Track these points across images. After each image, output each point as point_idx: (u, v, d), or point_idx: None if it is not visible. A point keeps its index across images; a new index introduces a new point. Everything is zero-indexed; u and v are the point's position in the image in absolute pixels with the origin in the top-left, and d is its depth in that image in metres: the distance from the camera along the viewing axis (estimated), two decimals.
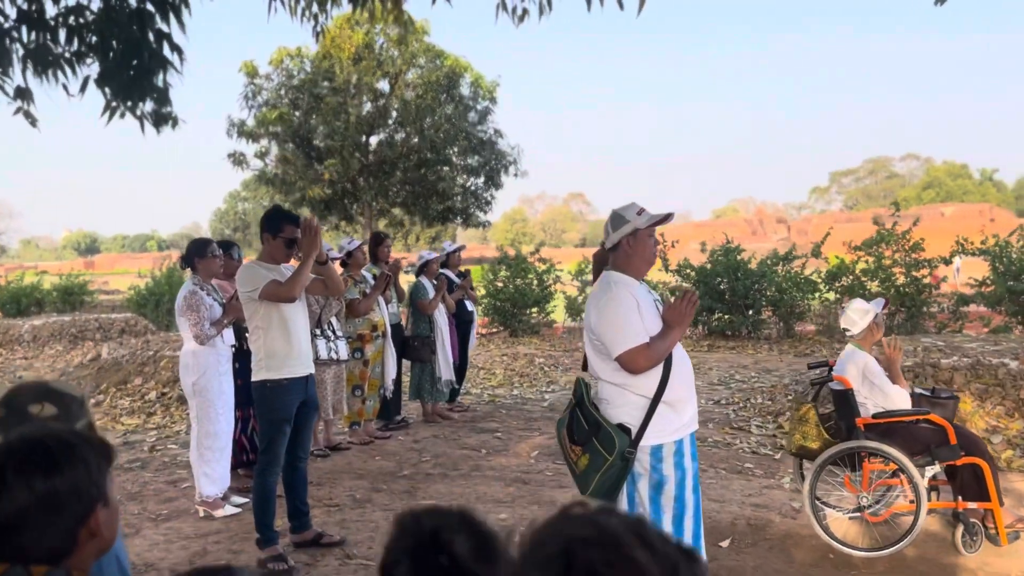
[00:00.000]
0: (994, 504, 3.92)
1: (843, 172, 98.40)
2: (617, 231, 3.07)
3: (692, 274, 12.84)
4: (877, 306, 4.35)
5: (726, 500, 4.89)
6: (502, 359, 11.28)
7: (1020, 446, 5.55)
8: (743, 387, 8.58)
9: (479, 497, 5.01)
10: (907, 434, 4.08)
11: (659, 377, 2.96)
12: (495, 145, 20.33)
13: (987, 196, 77.45)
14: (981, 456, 3.98)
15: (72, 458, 1.20)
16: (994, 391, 6.10)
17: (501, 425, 7.08)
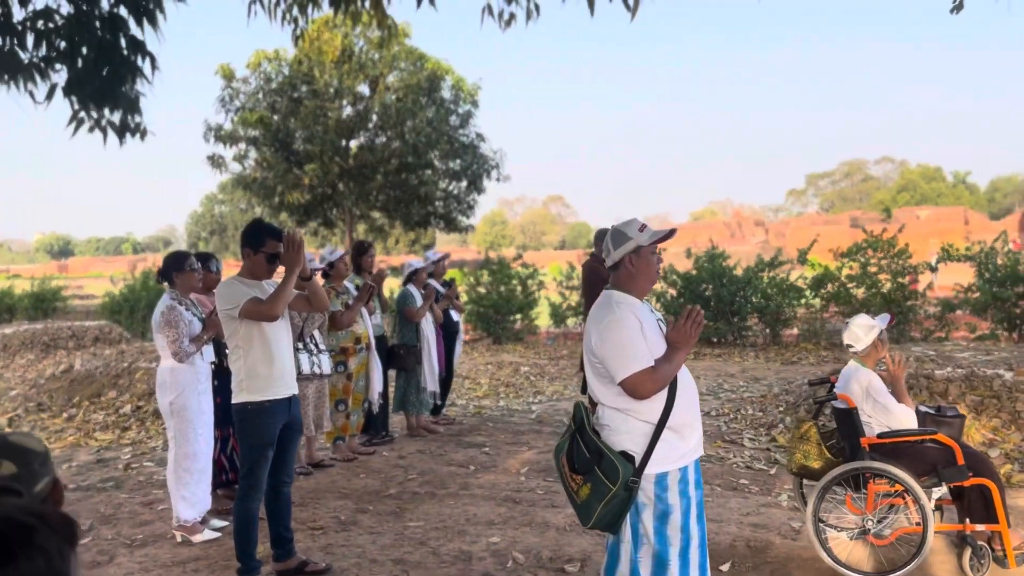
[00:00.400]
0: (1002, 526, 3.81)
1: (819, 175, 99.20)
2: (619, 248, 2.92)
3: (678, 281, 12.73)
4: (882, 322, 4.23)
5: (724, 520, 4.75)
6: (487, 368, 11.12)
7: (1019, 460, 5.46)
8: (732, 397, 8.46)
9: (469, 519, 4.83)
10: (913, 454, 3.96)
11: (664, 402, 2.81)
12: (477, 149, 20.17)
13: (961, 199, 78.34)
14: (989, 477, 3.87)
15: (29, 547, 1.02)
16: (989, 403, 6.02)
17: (488, 439, 6.91)
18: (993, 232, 11.84)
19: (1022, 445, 5.60)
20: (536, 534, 4.55)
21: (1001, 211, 73.35)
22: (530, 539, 4.47)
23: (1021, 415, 5.87)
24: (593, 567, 4.03)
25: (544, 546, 4.36)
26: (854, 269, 11.54)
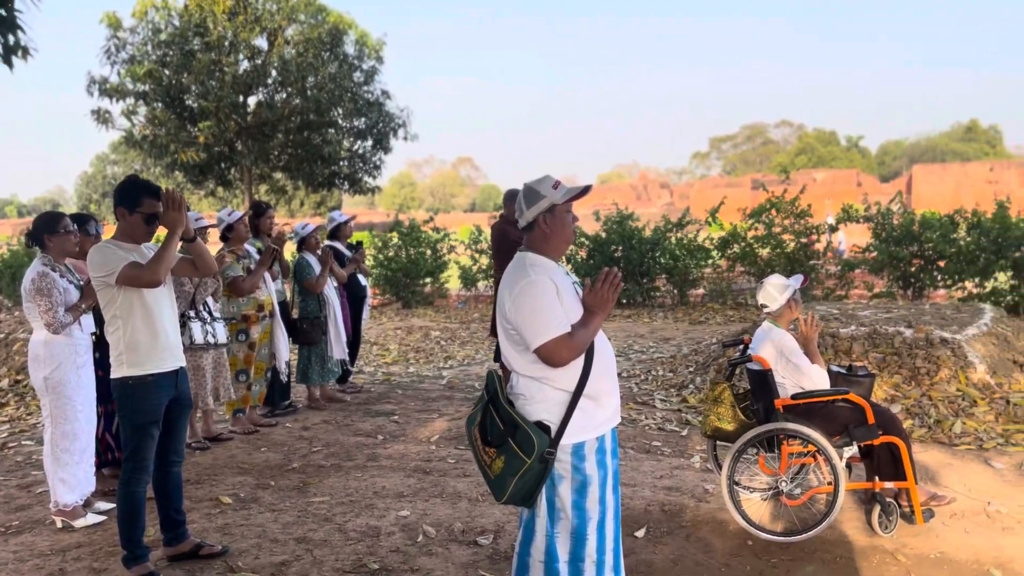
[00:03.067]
0: (910, 482, 3.85)
1: (722, 138, 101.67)
2: (532, 207, 2.72)
3: (587, 243, 12.69)
4: (796, 282, 4.19)
5: (638, 484, 4.69)
6: (396, 333, 10.85)
7: (919, 415, 5.59)
8: (643, 358, 8.47)
9: (377, 492, 4.62)
10: (826, 414, 3.96)
11: (580, 369, 2.65)
12: (383, 107, 19.57)
13: (854, 162, 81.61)
14: (898, 435, 3.89)
15: None
16: (891, 360, 6.15)
17: (398, 407, 6.68)
18: (884, 193, 12.27)
19: (921, 400, 5.74)
20: (448, 506, 4.39)
21: (890, 173, 76.86)
22: (441, 511, 4.30)
23: (920, 371, 6.02)
24: (507, 539, 3.90)
25: (456, 518, 4.20)
26: (759, 230, 11.72)
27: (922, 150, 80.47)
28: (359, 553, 3.80)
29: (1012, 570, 3.52)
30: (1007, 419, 5.48)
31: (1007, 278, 10.11)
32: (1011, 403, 5.65)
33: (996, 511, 4.15)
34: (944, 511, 4.13)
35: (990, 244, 9.93)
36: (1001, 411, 5.58)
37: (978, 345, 6.23)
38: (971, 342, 6.22)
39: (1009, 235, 9.86)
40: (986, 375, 5.97)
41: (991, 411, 5.58)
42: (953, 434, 5.33)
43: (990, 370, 6.02)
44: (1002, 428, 5.36)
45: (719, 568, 3.62)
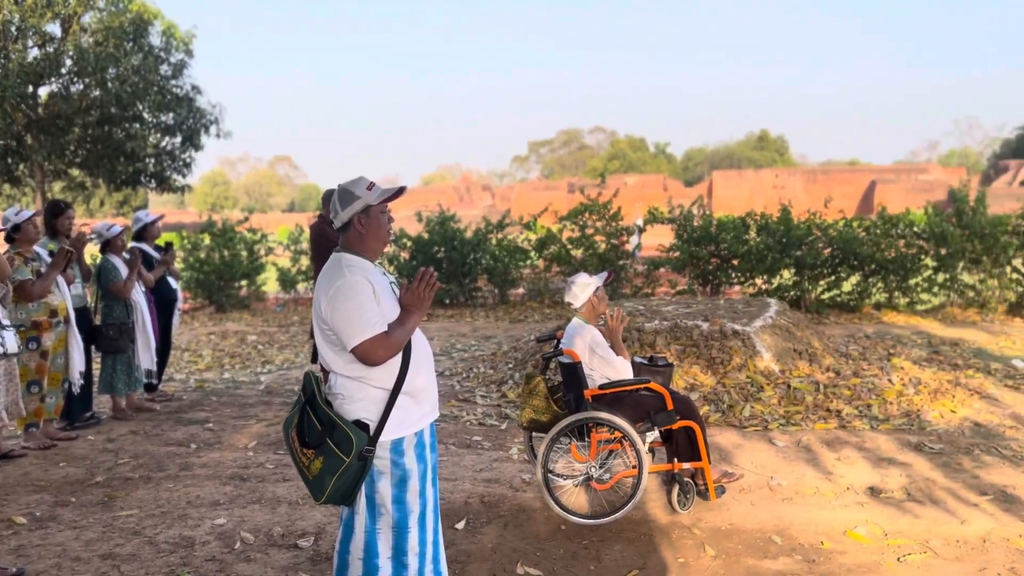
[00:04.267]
0: (704, 463, 4.21)
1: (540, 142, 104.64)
2: (347, 208, 2.76)
3: (409, 244, 12.74)
4: (599, 279, 4.46)
5: (458, 478, 4.81)
6: (209, 338, 10.41)
7: (714, 401, 6.09)
8: (465, 356, 8.64)
9: (191, 502, 4.46)
10: (631, 402, 4.25)
11: (398, 367, 2.72)
12: (193, 102, 18.59)
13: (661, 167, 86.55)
14: (694, 419, 4.25)
15: None
16: (690, 351, 6.66)
17: (212, 414, 6.44)
18: (688, 197, 13.19)
19: (717, 388, 6.26)
20: (267, 511, 4.31)
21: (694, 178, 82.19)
22: (260, 517, 4.22)
23: (715, 361, 6.55)
24: (328, 540, 3.89)
25: (275, 523, 4.13)
26: (574, 232, 12.25)
27: (721, 157, 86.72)
28: (172, 565, 3.66)
29: (789, 535, 3.94)
30: (788, 402, 6.09)
31: (791, 275, 11.17)
32: (792, 387, 6.28)
33: (777, 484, 4.61)
34: (734, 487, 4.54)
35: (776, 244, 10.94)
36: (784, 395, 6.19)
37: (765, 336, 6.86)
38: (759, 333, 6.85)
39: (792, 236, 10.90)
40: (771, 363, 6.60)
41: (775, 395, 6.17)
42: (743, 417, 5.85)
43: (775, 358, 6.66)
44: (784, 410, 5.95)
45: (534, 553, 3.80)
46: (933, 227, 10.78)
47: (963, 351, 8.13)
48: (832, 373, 6.68)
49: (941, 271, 10.95)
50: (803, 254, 10.80)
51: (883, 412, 5.92)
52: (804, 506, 4.30)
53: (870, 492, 4.46)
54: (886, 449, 5.15)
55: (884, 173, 53.09)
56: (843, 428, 5.64)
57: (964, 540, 3.83)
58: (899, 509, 4.20)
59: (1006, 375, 7.03)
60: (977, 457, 4.96)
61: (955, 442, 5.25)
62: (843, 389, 6.33)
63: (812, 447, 5.25)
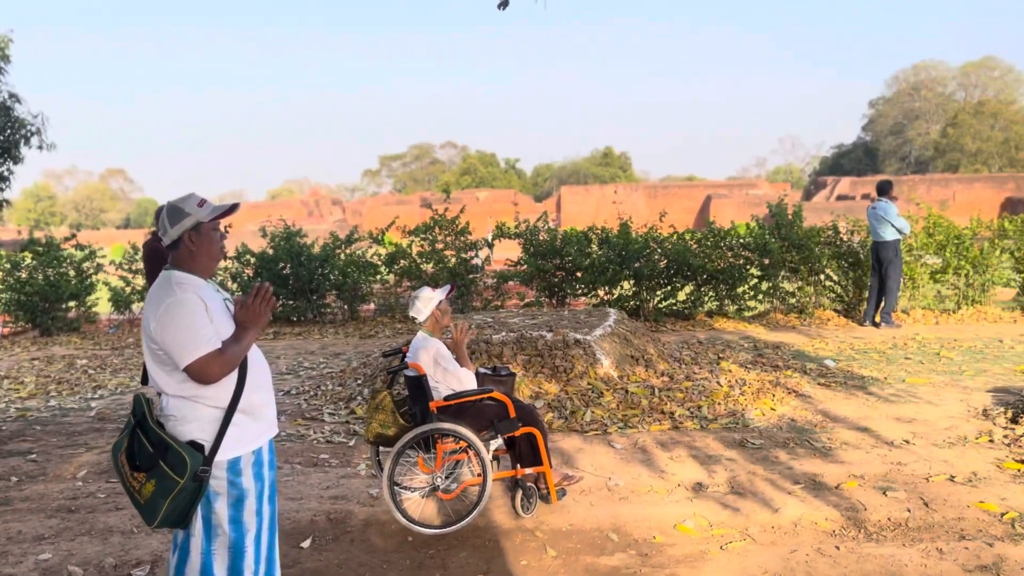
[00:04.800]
0: (546, 467, 4.38)
1: (391, 156, 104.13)
2: (176, 226, 2.72)
3: (252, 260, 12.39)
4: (442, 293, 4.56)
5: (304, 496, 4.76)
6: (33, 364, 9.71)
7: (558, 408, 6.32)
8: (313, 374, 8.51)
9: (12, 538, 4.18)
10: (475, 412, 4.36)
11: (234, 384, 2.70)
12: (11, 111, 17.29)
13: (511, 183, 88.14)
14: (536, 425, 4.41)
15: None
16: (535, 361, 6.87)
17: (36, 445, 6.04)
18: (538, 212, 13.53)
19: (560, 395, 6.49)
20: (98, 542, 4.11)
21: (543, 193, 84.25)
22: (90, 548, 4.02)
23: (559, 369, 6.79)
24: (164, 567, 3.76)
25: (108, 553, 3.95)
26: (424, 246, 12.31)
27: (569, 173, 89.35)
28: None
29: (625, 532, 4.16)
30: (626, 406, 6.40)
31: (631, 286, 11.71)
32: (629, 392, 6.60)
33: (615, 484, 4.85)
34: (575, 489, 4.74)
35: (616, 257, 11.45)
36: (622, 399, 6.51)
37: (604, 344, 7.18)
38: (599, 342, 7.16)
39: (630, 249, 11.44)
40: (611, 369, 6.91)
41: (614, 400, 6.47)
42: (585, 422, 6.10)
43: (614, 365, 6.98)
44: (622, 414, 6.26)
45: (380, 566, 3.83)
46: (756, 239, 11.61)
47: (783, 353, 8.81)
48: (666, 377, 7.07)
49: (765, 280, 11.80)
50: (641, 266, 11.36)
51: (712, 412, 6.33)
52: (639, 504, 4.55)
53: (698, 487, 4.77)
54: (713, 447, 5.52)
55: (718, 188, 56.31)
56: (676, 429, 5.99)
57: (778, 526, 4.18)
58: (723, 502, 4.52)
59: (819, 374, 7.68)
60: (792, 450, 5.41)
61: (773, 437, 5.70)
62: (676, 392, 6.72)
63: (647, 448, 5.54)
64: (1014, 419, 5.89)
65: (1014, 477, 4.77)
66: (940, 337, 9.80)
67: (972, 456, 5.18)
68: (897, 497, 4.50)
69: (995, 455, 5.19)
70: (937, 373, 7.72)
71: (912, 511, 4.30)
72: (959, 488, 4.62)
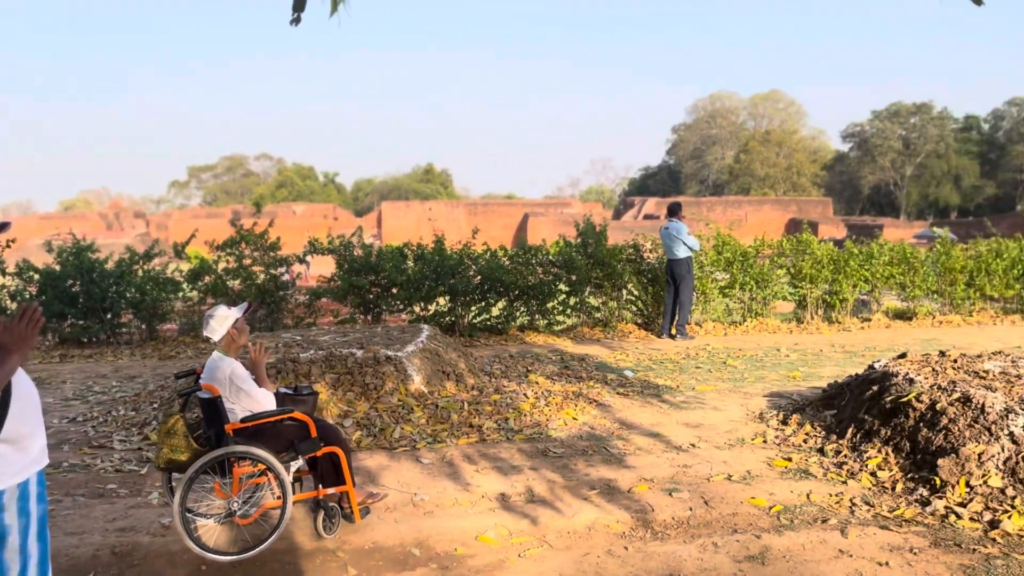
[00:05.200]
0: (349, 486, 4.35)
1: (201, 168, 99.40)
2: None
3: (37, 277, 11.40)
4: (238, 312, 4.43)
5: (86, 530, 4.44)
6: None
7: (367, 426, 6.28)
8: (103, 399, 7.94)
9: None
10: (274, 433, 4.26)
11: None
12: None
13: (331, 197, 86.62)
14: (338, 444, 4.37)
15: None
16: (345, 379, 6.79)
17: None
18: (359, 227, 13.39)
19: (370, 412, 6.46)
20: None
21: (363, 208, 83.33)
22: None
23: (369, 387, 6.75)
24: None
25: None
26: (231, 262, 11.83)
27: (390, 188, 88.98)
28: None
29: (428, 546, 4.21)
30: (436, 421, 6.47)
31: (446, 301, 11.83)
32: (439, 407, 6.68)
33: (420, 500, 4.89)
34: (379, 507, 4.74)
35: (431, 273, 11.54)
36: (432, 414, 6.57)
37: (416, 360, 7.22)
38: (410, 358, 7.19)
39: (445, 265, 11.58)
40: (421, 385, 6.96)
41: (424, 415, 6.52)
42: (394, 439, 6.11)
43: (424, 380, 7.04)
44: (432, 429, 6.31)
45: None
46: (564, 257, 12.10)
47: (588, 365, 9.22)
48: (476, 391, 7.21)
49: (573, 295, 12.31)
50: (456, 282, 11.51)
51: (518, 424, 6.53)
52: (443, 517, 4.61)
53: (501, 498, 4.91)
54: (518, 458, 5.69)
55: (535, 207, 58.10)
56: (483, 441, 6.12)
57: (574, 531, 4.38)
58: (523, 511, 4.68)
59: (619, 384, 8.11)
60: (590, 458, 5.68)
61: (574, 446, 5.96)
62: (485, 405, 6.87)
63: (455, 462, 5.63)
64: (784, 421, 6.50)
65: (781, 473, 5.27)
66: (728, 347, 10.63)
67: (748, 456, 5.67)
68: (682, 497, 4.84)
69: (767, 454, 5.70)
70: (723, 381, 8.37)
71: (694, 510, 4.64)
72: (735, 486, 5.04)
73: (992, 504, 4.45)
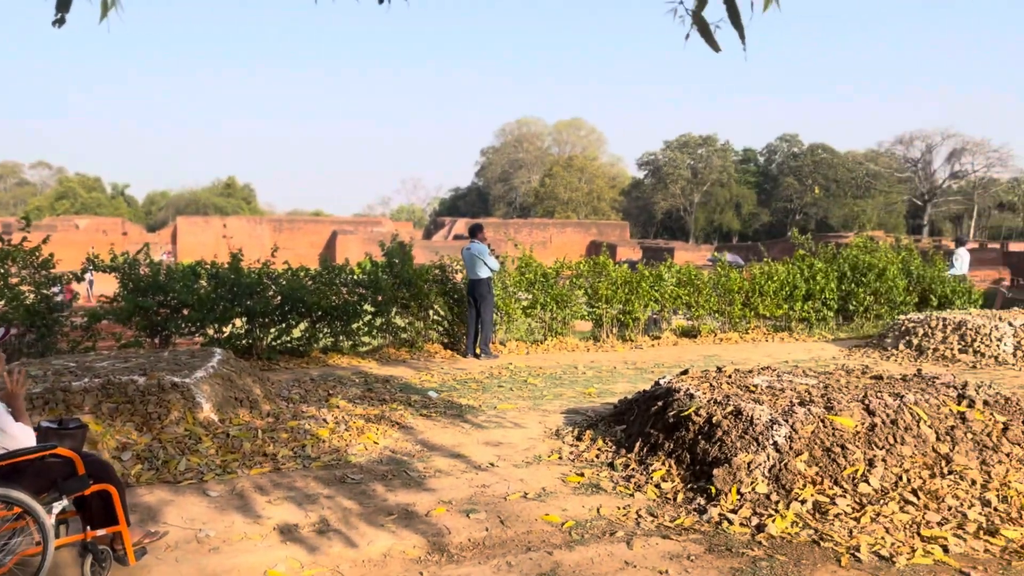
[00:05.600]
0: (122, 526, 4.01)
1: None
2: None
3: None
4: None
5: None
6: None
7: (148, 459, 5.84)
8: None
9: None
10: (35, 472, 3.86)
11: None
12: None
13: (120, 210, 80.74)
14: (110, 481, 4.03)
15: None
16: (124, 408, 6.29)
17: None
18: (151, 242, 12.50)
19: (152, 444, 6.01)
20: None
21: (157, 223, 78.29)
22: None
23: (152, 416, 6.30)
24: None
25: None
26: None
27: (187, 202, 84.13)
28: None
29: None
30: (226, 451, 6.14)
31: (243, 323, 11.29)
32: (231, 436, 6.34)
33: (206, 536, 4.60)
34: (159, 545, 4.41)
35: (227, 293, 10.98)
36: (222, 444, 6.22)
37: (205, 386, 6.82)
38: (199, 384, 6.78)
39: (243, 284, 11.06)
40: (211, 413, 6.58)
41: (214, 445, 6.17)
42: (179, 471, 5.72)
43: (215, 408, 6.66)
44: (221, 459, 5.98)
45: None
46: (370, 277, 11.95)
47: (392, 387, 9.13)
48: (271, 418, 6.92)
49: (378, 316, 12.16)
50: (254, 303, 11.03)
51: (316, 451, 6.32)
52: (230, 553, 4.37)
53: (294, 529, 4.72)
54: (313, 486, 5.51)
55: (345, 224, 57.07)
56: (278, 471, 5.87)
57: (369, 559, 4.29)
58: (316, 542, 4.52)
59: (423, 405, 8.09)
60: (389, 482, 5.61)
61: (373, 471, 5.86)
62: (281, 432, 6.60)
63: (246, 493, 5.36)
64: (579, 437, 6.75)
65: (574, 489, 5.46)
66: (529, 365, 10.92)
67: (544, 473, 5.82)
68: (479, 518, 4.88)
69: (562, 470, 5.88)
70: (523, 399, 8.57)
71: (490, 530, 4.69)
72: (531, 504, 5.15)
73: (759, 509, 4.83)
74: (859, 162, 77.71)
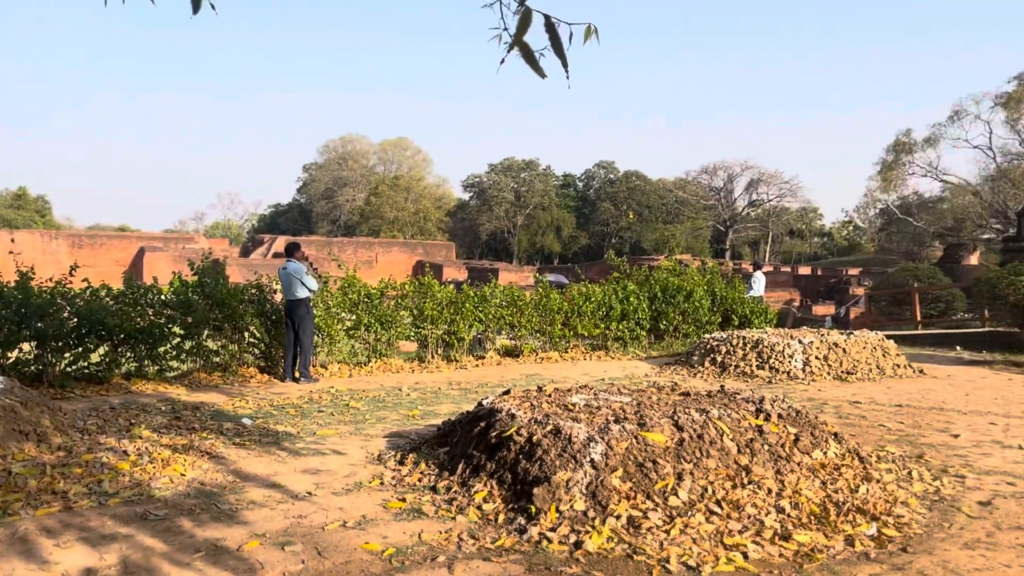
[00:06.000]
0: None
1: None
2: None
3: None
4: None
5: None
6: None
7: None
8: None
9: None
10: None
11: None
12: None
13: None
14: None
15: None
16: None
17: None
18: None
19: None
20: None
21: None
22: None
23: None
24: None
25: None
26: None
27: None
28: None
29: None
30: (7, 490, 5.52)
31: (32, 348, 10.30)
32: (13, 473, 5.72)
33: None
34: None
35: (13, 315, 9.97)
36: (3, 483, 5.60)
37: None
38: None
39: (32, 305, 10.08)
40: None
41: None
42: None
43: None
44: (1, 500, 5.37)
45: None
46: (180, 297, 11.26)
47: (202, 414, 8.61)
48: (63, 452, 6.32)
49: (189, 338, 11.47)
50: (45, 325, 10.09)
51: (114, 486, 5.83)
52: None
53: (90, 573, 4.31)
54: (110, 525, 5.06)
55: (154, 241, 53.67)
56: (69, 510, 5.35)
57: None
58: None
59: (236, 433, 7.67)
60: (197, 517, 5.25)
61: (180, 505, 5.47)
62: (74, 468, 6.04)
63: (30, 537, 4.83)
64: (401, 461, 6.64)
65: (396, 515, 5.35)
66: (352, 388, 10.67)
67: (364, 500, 5.66)
68: (295, 551, 4.66)
69: (383, 496, 5.75)
70: (345, 423, 8.34)
71: (306, 562, 4.49)
72: (350, 533, 4.99)
73: (577, 526, 4.94)
74: (669, 189, 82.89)
